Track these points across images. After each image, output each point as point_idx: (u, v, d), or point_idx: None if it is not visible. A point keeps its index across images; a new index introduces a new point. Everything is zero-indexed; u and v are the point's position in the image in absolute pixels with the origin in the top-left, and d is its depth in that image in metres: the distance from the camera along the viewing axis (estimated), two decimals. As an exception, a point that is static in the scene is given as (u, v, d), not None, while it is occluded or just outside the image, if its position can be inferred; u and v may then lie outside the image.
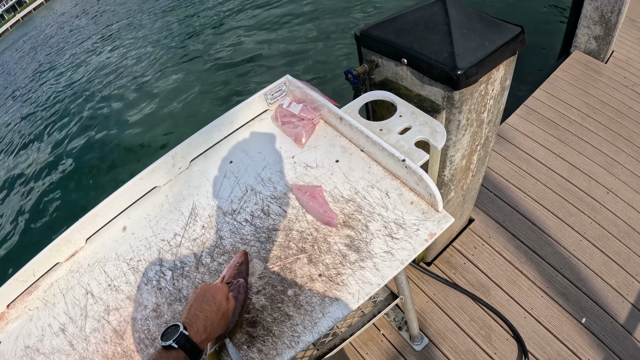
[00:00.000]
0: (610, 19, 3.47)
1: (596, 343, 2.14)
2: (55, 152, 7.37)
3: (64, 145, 7.42)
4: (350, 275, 1.01)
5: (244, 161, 1.37)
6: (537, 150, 3.07)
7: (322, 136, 1.35)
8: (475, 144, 1.80)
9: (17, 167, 7.73)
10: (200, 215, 1.28)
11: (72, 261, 1.32)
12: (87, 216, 1.32)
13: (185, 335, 0.84)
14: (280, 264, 1.09)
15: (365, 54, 1.63)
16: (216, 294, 0.93)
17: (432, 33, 1.45)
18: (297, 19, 8.25)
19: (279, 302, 1.03)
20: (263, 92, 1.46)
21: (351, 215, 1.12)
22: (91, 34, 15.46)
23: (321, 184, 1.21)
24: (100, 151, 6.73)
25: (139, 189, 1.39)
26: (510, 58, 1.57)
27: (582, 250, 2.51)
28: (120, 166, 6.17)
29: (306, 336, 0.96)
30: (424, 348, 2.18)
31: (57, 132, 8.10)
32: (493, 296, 2.34)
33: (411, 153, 1.19)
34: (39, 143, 8.16)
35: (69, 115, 8.68)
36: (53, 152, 7.44)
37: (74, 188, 6.21)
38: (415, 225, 1.07)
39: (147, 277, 1.20)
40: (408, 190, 1.14)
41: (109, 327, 1.13)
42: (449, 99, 1.47)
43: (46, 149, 7.74)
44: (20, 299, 1.28)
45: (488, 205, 2.75)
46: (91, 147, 6.95)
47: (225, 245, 1.18)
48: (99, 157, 6.58)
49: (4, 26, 39.30)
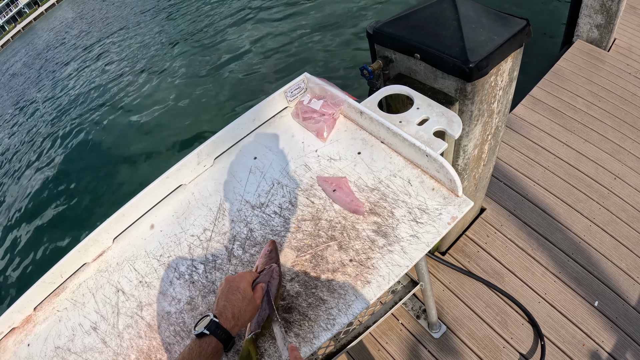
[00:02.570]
0: (611, 7, 3.51)
1: (609, 325, 2.19)
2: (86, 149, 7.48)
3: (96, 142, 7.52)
4: (379, 259, 1.07)
5: (268, 156, 1.43)
6: (544, 139, 3.12)
7: (343, 130, 1.41)
8: (486, 133, 1.85)
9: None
10: (228, 210, 1.33)
11: (99, 261, 1.36)
12: (114, 216, 1.36)
13: (215, 322, 0.89)
14: (311, 251, 1.14)
15: (378, 51, 1.68)
16: (239, 284, 0.98)
17: (444, 29, 1.51)
18: (302, 21, 8.31)
19: (312, 288, 1.08)
20: (283, 90, 1.52)
21: (376, 203, 1.18)
22: (101, 37, 15.58)
23: (345, 175, 1.27)
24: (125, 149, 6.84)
25: (165, 187, 1.43)
26: (517, 50, 1.62)
27: (592, 235, 2.55)
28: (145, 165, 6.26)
29: (341, 318, 1.01)
30: (442, 335, 2.24)
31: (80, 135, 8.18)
32: (507, 283, 2.39)
33: (431, 142, 1.24)
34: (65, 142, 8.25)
35: (105, 107, 8.81)
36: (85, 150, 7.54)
37: (122, 178, 6.32)
38: (437, 210, 1.13)
39: (178, 271, 1.24)
40: (429, 177, 1.20)
41: (142, 323, 1.16)
42: (462, 91, 1.53)
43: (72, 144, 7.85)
44: (48, 301, 1.32)
45: (499, 194, 2.80)
46: (120, 144, 7.07)
47: (256, 237, 1.23)
48: (129, 155, 6.68)
49: (5, 37, 39.48)
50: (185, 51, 9.49)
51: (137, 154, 6.51)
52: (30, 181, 7.61)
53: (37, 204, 6.74)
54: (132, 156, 6.51)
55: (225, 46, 8.61)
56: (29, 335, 1.26)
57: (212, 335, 0.88)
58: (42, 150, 8.52)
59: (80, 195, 6.33)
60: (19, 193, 7.46)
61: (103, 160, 6.88)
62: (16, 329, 1.29)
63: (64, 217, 6.10)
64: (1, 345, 1.27)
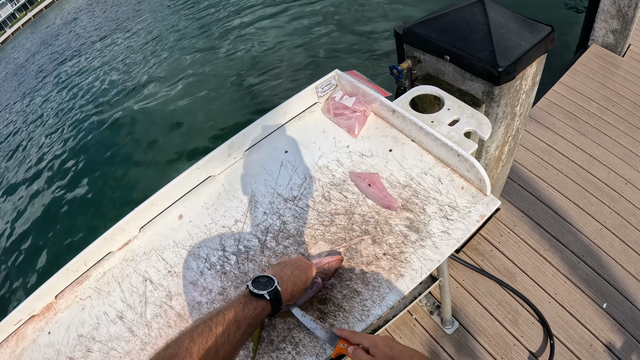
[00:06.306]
0: (628, 13, 3.53)
1: (616, 327, 2.23)
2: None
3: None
4: (412, 254, 1.11)
5: (300, 150, 1.46)
6: (558, 142, 3.15)
7: (374, 127, 1.45)
8: (507, 135, 1.89)
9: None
10: (260, 202, 1.36)
11: (125, 250, 1.36)
12: (143, 205, 1.36)
13: (278, 291, 0.88)
14: (345, 245, 1.18)
15: (407, 50, 1.72)
16: (308, 270, 1.00)
17: (474, 32, 1.54)
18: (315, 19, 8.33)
19: (347, 280, 1.12)
20: (314, 85, 1.54)
21: (409, 200, 1.22)
22: (114, 26, 15.53)
23: (377, 171, 1.31)
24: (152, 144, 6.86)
25: (195, 178, 1.44)
26: (542, 55, 1.66)
27: (602, 239, 2.59)
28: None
29: (375, 310, 1.05)
30: (455, 331, 2.29)
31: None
32: (519, 282, 2.43)
33: (461, 143, 1.29)
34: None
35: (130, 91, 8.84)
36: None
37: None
38: (467, 208, 1.17)
39: (209, 262, 1.25)
40: (458, 176, 1.24)
41: (172, 312, 1.17)
42: (489, 93, 1.56)
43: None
44: (70, 289, 1.31)
45: (513, 195, 2.84)
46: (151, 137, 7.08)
47: (290, 230, 1.26)
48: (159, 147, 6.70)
49: (16, 24, 39.43)
50: (205, 42, 9.48)
51: (165, 146, 6.52)
52: (57, 167, 7.67)
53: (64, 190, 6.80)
54: (163, 147, 6.53)
55: (249, 41, 8.60)
56: (50, 323, 1.25)
57: (269, 302, 0.87)
58: (68, 137, 8.52)
59: (106, 186, 6.39)
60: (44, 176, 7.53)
61: (134, 149, 6.91)
62: (36, 316, 1.28)
63: (95, 205, 6.16)
64: (19, 332, 1.27)
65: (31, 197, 7.08)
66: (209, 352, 0.73)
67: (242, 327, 0.81)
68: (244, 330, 0.81)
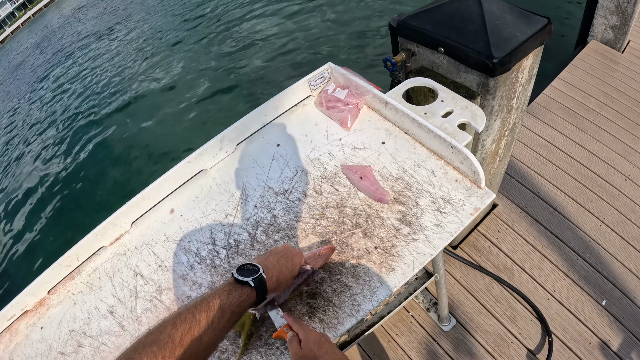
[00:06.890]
0: (627, 8, 3.50)
1: (616, 325, 2.20)
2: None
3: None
4: (404, 247, 1.09)
5: (292, 144, 1.45)
6: (556, 138, 3.13)
7: (367, 120, 1.43)
8: (504, 129, 1.87)
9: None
10: (251, 195, 1.34)
11: (117, 244, 1.35)
12: (134, 199, 1.35)
13: (263, 278, 0.87)
14: (336, 238, 1.16)
15: (401, 43, 1.70)
16: (294, 257, 0.98)
17: (468, 24, 1.52)
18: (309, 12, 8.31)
19: (337, 274, 1.10)
20: (306, 78, 1.53)
21: (401, 192, 1.20)
22: (115, 24, 15.51)
23: (370, 164, 1.29)
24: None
25: (186, 172, 1.43)
26: (538, 47, 1.64)
27: (601, 235, 2.57)
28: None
29: (366, 304, 1.03)
30: (452, 328, 2.26)
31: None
32: (517, 278, 2.41)
33: (455, 135, 1.26)
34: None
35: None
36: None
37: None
38: (460, 201, 1.15)
39: (199, 256, 1.24)
40: (452, 169, 1.22)
41: (162, 307, 1.17)
42: (484, 85, 1.54)
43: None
44: (62, 284, 1.31)
45: (511, 191, 2.82)
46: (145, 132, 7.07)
47: (280, 223, 1.25)
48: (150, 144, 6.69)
49: (15, 24, 39.44)
50: (205, 38, 9.47)
51: (158, 139, 6.53)
52: (47, 164, 7.66)
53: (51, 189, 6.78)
54: (157, 143, 6.51)
55: (246, 36, 8.59)
56: (42, 319, 1.26)
57: (254, 290, 0.85)
58: (62, 137, 8.50)
59: (98, 182, 6.38)
60: (31, 177, 7.52)
61: (127, 146, 6.89)
62: (29, 312, 1.29)
63: (88, 200, 6.16)
64: (13, 328, 1.27)
65: (25, 195, 7.10)
66: (192, 339, 0.72)
67: (227, 314, 0.79)
68: (228, 318, 0.79)
